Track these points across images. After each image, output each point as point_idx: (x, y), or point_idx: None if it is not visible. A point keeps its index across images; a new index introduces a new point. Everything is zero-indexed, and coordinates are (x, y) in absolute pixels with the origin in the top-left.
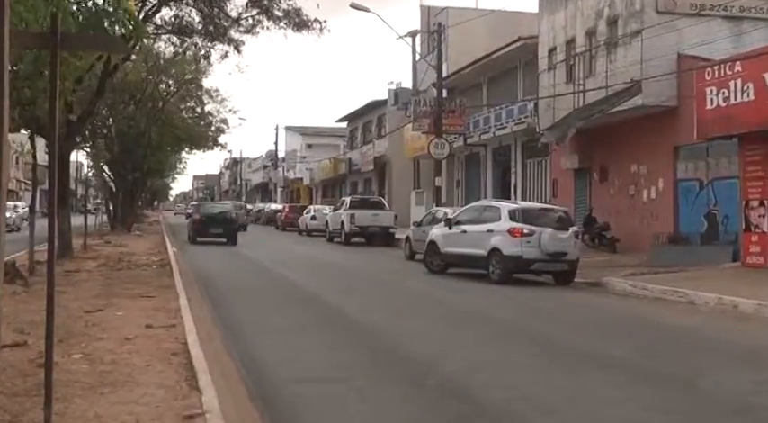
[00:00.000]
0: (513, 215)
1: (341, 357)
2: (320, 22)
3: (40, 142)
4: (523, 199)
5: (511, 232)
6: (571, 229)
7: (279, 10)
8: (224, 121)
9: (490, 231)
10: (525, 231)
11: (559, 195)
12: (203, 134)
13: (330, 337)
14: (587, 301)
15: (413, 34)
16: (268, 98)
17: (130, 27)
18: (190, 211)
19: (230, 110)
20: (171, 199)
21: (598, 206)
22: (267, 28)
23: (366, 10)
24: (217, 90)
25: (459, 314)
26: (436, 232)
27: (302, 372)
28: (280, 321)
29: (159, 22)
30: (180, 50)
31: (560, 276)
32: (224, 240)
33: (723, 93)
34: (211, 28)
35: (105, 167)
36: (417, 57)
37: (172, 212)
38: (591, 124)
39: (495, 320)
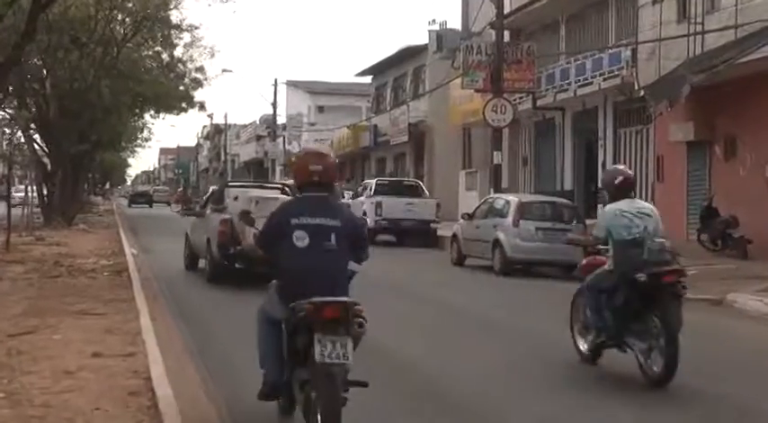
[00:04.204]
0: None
1: (365, 400)
2: None
3: None
4: None
5: None
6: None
7: None
8: (200, 69)
9: None
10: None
11: (666, 177)
12: (173, 90)
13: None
14: (705, 324)
15: None
16: (264, 45)
17: None
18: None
19: (208, 51)
20: (129, 181)
21: (722, 193)
22: None
23: None
24: (191, 25)
25: (533, 345)
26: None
27: None
28: None
29: None
30: None
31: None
32: (147, 205)
33: None
34: None
35: (37, 137)
36: None
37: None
38: (712, 80)
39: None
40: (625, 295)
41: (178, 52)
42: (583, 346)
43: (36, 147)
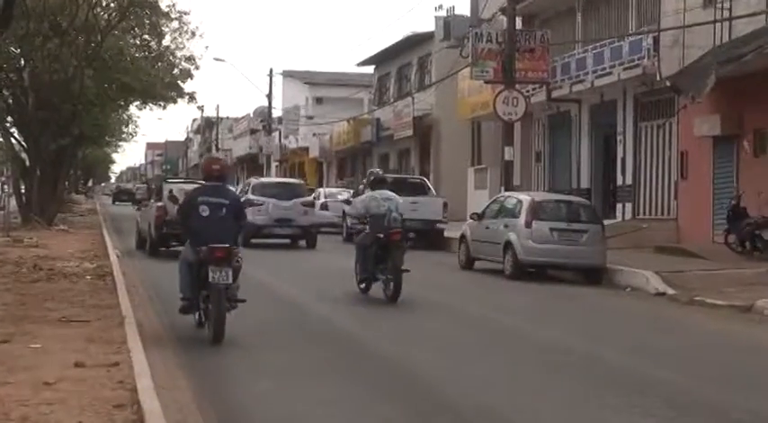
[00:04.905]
0: (250, 189)
1: (368, 413)
2: None
3: None
4: (635, 178)
5: (249, 204)
6: (294, 199)
7: None
8: (190, 59)
9: None
10: (256, 202)
11: (690, 175)
12: (161, 80)
13: (350, 382)
14: (731, 332)
15: None
16: (259, 32)
17: None
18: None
19: (192, 32)
20: (113, 177)
21: (751, 191)
22: None
23: None
24: (181, 12)
25: (549, 352)
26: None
27: None
28: (275, 359)
29: None
30: None
31: (298, 239)
32: (130, 203)
33: None
34: None
35: (14, 130)
36: None
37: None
38: (741, 69)
39: (611, 364)
40: (376, 248)
41: (167, 40)
42: (361, 286)
43: (13, 141)
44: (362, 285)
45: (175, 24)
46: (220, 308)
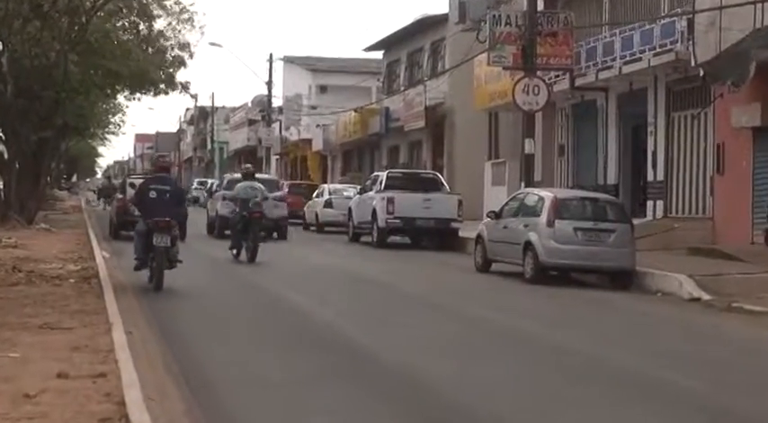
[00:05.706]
0: (224, 184)
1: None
2: None
3: None
4: (667, 173)
5: (223, 198)
6: (271, 194)
7: None
8: (185, 46)
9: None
10: (227, 196)
11: (727, 169)
12: (152, 67)
13: (356, 394)
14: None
15: None
16: (258, 14)
17: None
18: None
19: (188, 20)
20: (100, 172)
21: None
22: None
23: None
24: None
25: (567, 358)
26: None
27: None
28: (275, 368)
29: None
30: None
31: (270, 232)
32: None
33: None
34: None
35: None
36: None
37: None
38: None
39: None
40: (241, 224)
41: (161, 24)
42: (233, 252)
43: None
44: (234, 251)
45: (174, 8)
46: (161, 264)
